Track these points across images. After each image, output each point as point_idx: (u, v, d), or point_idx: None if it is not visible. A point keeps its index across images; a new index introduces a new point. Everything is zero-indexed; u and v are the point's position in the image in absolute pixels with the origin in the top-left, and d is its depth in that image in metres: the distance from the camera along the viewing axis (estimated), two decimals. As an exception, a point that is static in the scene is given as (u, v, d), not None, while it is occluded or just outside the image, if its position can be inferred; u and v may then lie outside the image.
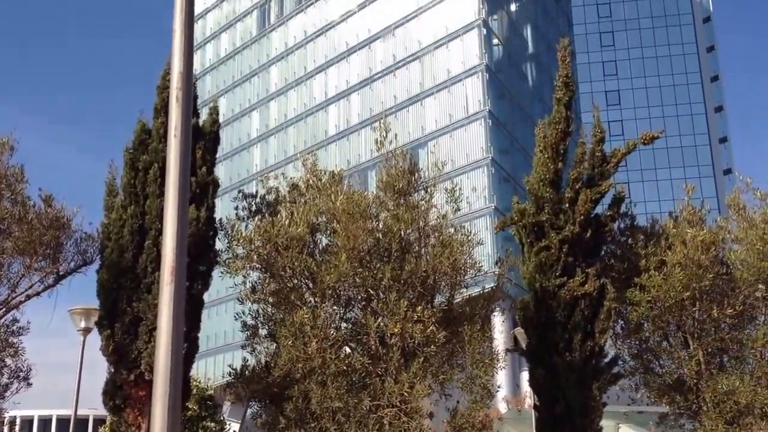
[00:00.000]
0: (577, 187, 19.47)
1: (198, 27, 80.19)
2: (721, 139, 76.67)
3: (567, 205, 19.24)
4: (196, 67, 77.74)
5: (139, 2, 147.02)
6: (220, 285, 19.31)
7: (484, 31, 55.47)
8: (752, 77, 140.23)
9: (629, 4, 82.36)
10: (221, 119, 19.71)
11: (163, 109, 16.65)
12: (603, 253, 20.34)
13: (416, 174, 16.56)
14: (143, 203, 16.17)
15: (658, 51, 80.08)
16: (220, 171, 67.82)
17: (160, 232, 14.63)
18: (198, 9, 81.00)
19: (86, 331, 17.34)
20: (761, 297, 19.07)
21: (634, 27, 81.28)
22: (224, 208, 42.52)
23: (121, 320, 15.45)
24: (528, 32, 65.35)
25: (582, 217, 19.03)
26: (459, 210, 16.67)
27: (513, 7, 63.19)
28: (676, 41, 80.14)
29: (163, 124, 16.30)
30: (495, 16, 58.76)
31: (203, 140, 17.48)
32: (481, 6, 55.41)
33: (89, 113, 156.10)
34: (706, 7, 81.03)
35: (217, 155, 18.98)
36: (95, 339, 16.36)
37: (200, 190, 16.69)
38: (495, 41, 58.11)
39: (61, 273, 16.79)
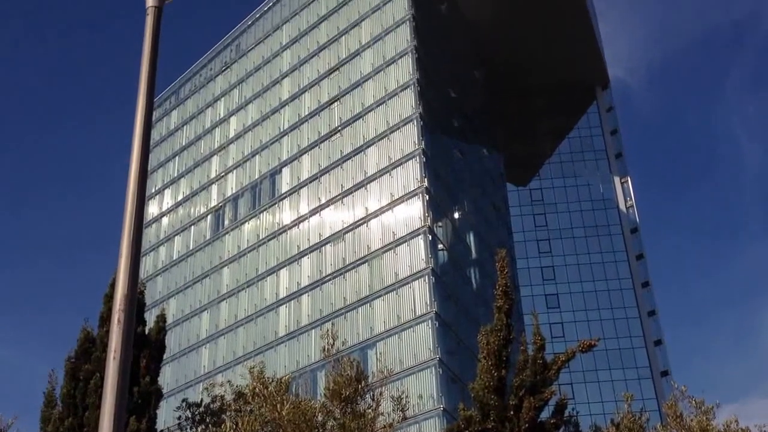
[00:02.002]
0: (520, 394, 19.94)
1: (152, 230, 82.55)
2: (656, 342, 79.66)
3: (512, 412, 19.58)
4: (149, 269, 79.25)
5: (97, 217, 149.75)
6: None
7: (430, 237, 58.35)
8: (681, 283, 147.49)
9: (563, 215, 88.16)
10: (171, 320, 20.70)
11: (108, 319, 16.42)
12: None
13: (363, 381, 16.75)
14: (82, 414, 15.85)
15: (592, 258, 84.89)
16: (167, 373, 67.25)
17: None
18: (153, 212, 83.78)
19: None
20: None
21: (569, 236, 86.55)
22: (169, 412, 42.34)
23: None
24: (471, 239, 68.93)
25: (527, 425, 19.31)
26: (406, 419, 16.84)
27: (456, 215, 67.08)
28: (608, 249, 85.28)
29: (108, 333, 16.55)
30: (440, 223, 62.14)
31: (148, 348, 17.58)
32: (427, 214, 58.69)
33: (33, 313, 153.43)
34: (633, 219, 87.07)
35: (165, 356, 19.13)
36: None
37: (142, 400, 16.55)
38: (440, 246, 61.04)
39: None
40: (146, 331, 17.80)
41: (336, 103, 70.48)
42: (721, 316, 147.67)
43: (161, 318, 19.07)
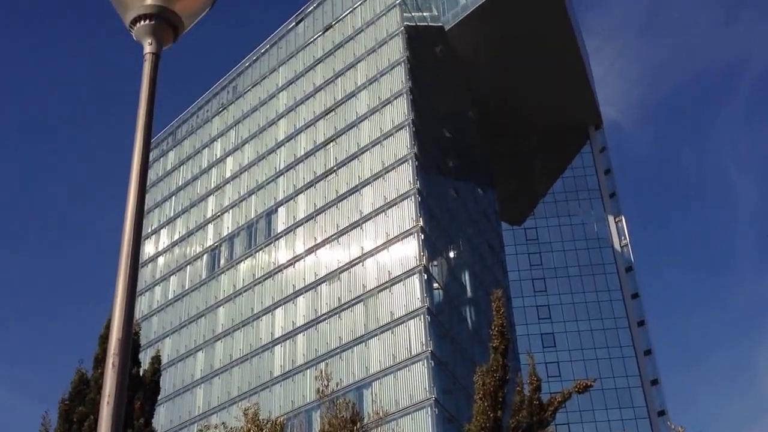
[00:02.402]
0: (517, 436, 19.85)
1: (148, 270, 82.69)
2: (653, 381, 79.45)
3: (508, 453, 19.50)
4: (144, 309, 79.20)
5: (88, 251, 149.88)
6: None
7: (425, 276, 58.48)
8: (676, 322, 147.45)
9: (558, 254, 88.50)
10: (165, 360, 20.82)
11: (103, 360, 16.22)
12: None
13: (358, 423, 16.81)
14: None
15: (587, 297, 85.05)
16: (161, 413, 66.89)
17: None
18: (150, 252, 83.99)
19: None
20: None
21: (564, 275, 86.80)
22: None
23: None
24: (466, 277, 69.10)
25: (524, 466, 19.35)
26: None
27: (452, 254, 67.34)
28: (603, 288, 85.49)
29: (102, 375, 16.39)
30: (435, 262, 62.34)
31: (143, 390, 17.42)
32: (422, 253, 58.93)
33: (25, 352, 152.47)
34: (628, 258, 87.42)
35: (159, 397, 19.17)
36: None
37: (137, 443, 16.11)
38: (436, 285, 61.15)
39: None
40: (141, 373, 17.80)
41: (332, 143, 71.16)
42: (718, 355, 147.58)
43: (156, 359, 19.13)
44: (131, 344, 5.00)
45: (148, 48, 5.46)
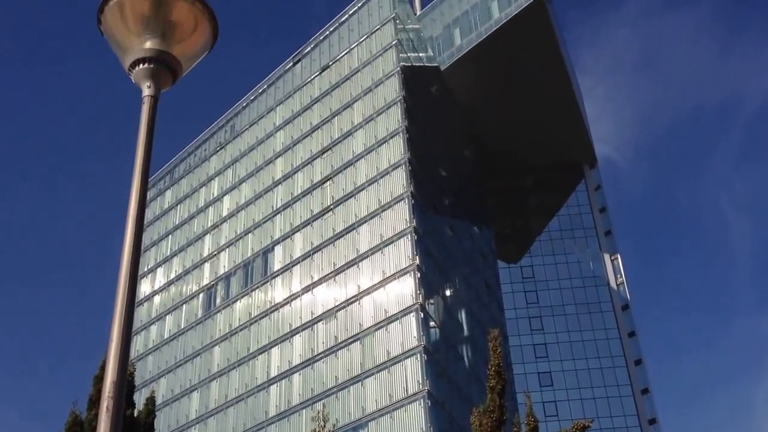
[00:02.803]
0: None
1: (144, 309, 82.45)
2: (650, 421, 78.81)
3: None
4: (139, 349, 78.81)
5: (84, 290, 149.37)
6: None
7: (422, 314, 58.37)
8: (673, 361, 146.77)
9: (554, 293, 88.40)
10: (160, 400, 20.76)
11: (97, 402, 16.18)
12: None
13: None
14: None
15: (584, 335, 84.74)
16: (155, 453, 66.10)
17: None
18: (146, 291, 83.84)
19: None
20: None
21: (560, 313, 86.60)
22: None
23: None
24: (463, 316, 68.97)
25: None
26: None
27: (448, 292, 67.28)
28: (600, 326, 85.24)
29: (96, 417, 16.42)
30: (431, 301, 62.28)
31: None
32: (419, 291, 58.92)
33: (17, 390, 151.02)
34: (624, 296, 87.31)
35: None
36: None
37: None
38: (432, 324, 61.01)
39: None
40: (135, 414, 17.76)
41: (328, 182, 71.52)
42: (716, 393, 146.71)
43: (151, 400, 19.10)
44: (126, 386, 4.96)
45: (146, 91, 5.53)
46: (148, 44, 5.63)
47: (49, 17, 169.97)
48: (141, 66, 5.60)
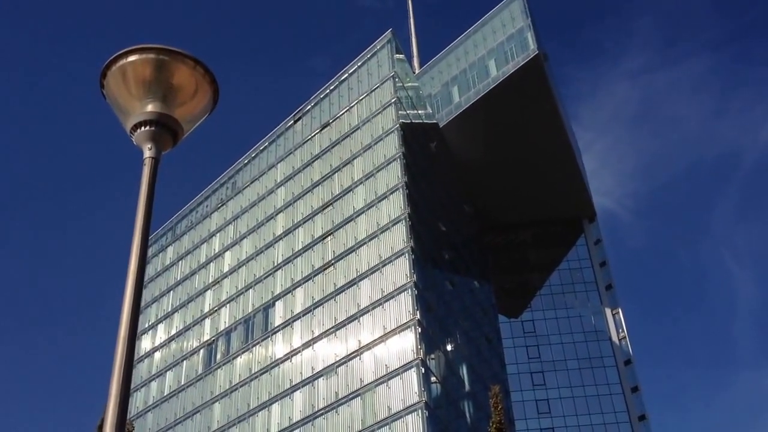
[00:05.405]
0: None
1: (144, 365, 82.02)
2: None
3: None
4: (139, 406, 78.19)
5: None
6: None
7: (423, 369, 58.07)
8: (678, 415, 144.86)
9: (556, 347, 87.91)
10: None
11: None
12: None
13: None
14: None
15: (587, 390, 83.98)
16: None
17: None
18: (146, 347, 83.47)
19: None
20: None
21: (563, 368, 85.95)
22: None
23: None
24: (464, 371, 68.54)
25: None
26: None
27: (449, 348, 67.00)
28: (602, 382, 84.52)
29: None
30: (432, 356, 61.99)
31: None
32: (419, 346, 58.70)
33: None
34: (626, 351, 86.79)
35: None
36: None
37: None
38: (433, 379, 60.63)
39: None
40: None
41: (329, 237, 71.85)
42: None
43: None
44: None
45: (147, 153, 5.64)
46: (150, 107, 5.77)
47: (53, 78, 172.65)
48: (142, 129, 5.73)
